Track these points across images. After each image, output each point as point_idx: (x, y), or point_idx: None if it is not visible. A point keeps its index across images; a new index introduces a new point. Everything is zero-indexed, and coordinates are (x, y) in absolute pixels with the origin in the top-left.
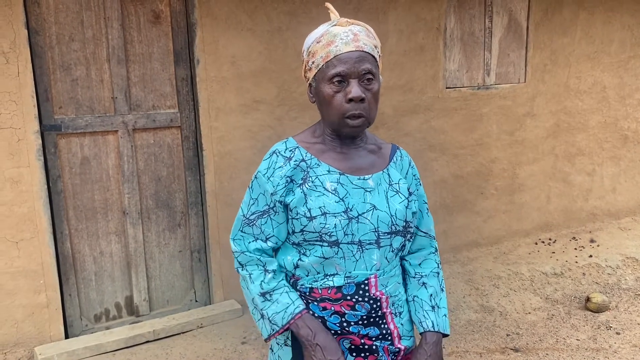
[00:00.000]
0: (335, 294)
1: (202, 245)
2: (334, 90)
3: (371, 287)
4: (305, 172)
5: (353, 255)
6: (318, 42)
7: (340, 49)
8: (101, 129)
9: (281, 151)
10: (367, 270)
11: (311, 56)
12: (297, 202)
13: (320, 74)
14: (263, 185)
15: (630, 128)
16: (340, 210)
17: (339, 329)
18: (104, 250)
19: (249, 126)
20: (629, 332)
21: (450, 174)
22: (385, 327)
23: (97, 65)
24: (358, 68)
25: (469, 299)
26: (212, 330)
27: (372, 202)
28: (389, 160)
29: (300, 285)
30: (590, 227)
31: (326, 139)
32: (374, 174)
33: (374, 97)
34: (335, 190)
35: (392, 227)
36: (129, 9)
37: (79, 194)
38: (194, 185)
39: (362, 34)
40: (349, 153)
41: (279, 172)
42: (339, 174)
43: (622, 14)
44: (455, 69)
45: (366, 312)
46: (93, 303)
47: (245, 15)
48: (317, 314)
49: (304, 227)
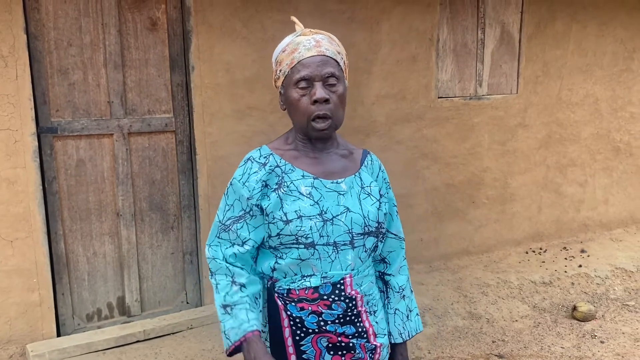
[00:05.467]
0: (313, 294)
1: (194, 248)
2: (299, 94)
3: (347, 286)
4: (280, 177)
5: (329, 256)
6: (284, 51)
7: (303, 55)
8: (97, 132)
9: (256, 158)
10: (342, 270)
11: (278, 65)
12: (273, 206)
13: (287, 80)
14: (238, 191)
15: (622, 140)
16: (315, 213)
17: (317, 327)
18: (97, 251)
19: (242, 132)
20: (614, 341)
21: (441, 182)
22: (361, 325)
23: (94, 70)
24: (321, 71)
25: (457, 306)
26: (201, 332)
27: (346, 204)
28: (360, 164)
29: (278, 287)
30: (581, 238)
31: (298, 144)
32: (347, 178)
33: (339, 99)
34: (310, 194)
35: (365, 228)
36: (126, 16)
37: (74, 195)
38: (187, 188)
39: (324, 41)
40: (321, 158)
41: (254, 177)
42: (313, 178)
43: (614, 27)
44: (448, 79)
45: (342, 310)
46: (85, 302)
47: (240, 23)
48: (295, 314)
49: (280, 230)
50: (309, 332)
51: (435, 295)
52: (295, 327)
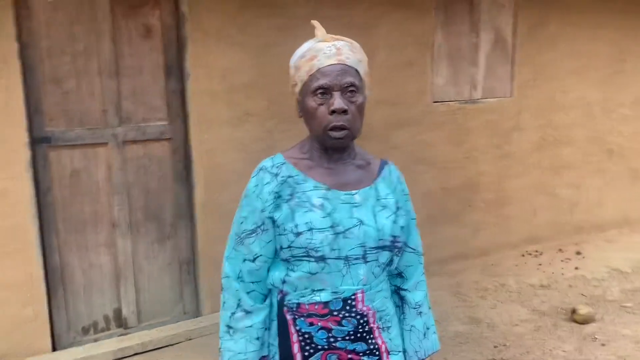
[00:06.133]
0: (323, 309)
1: (191, 258)
2: (317, 103)
3: (358, 302)
4: (292, 187)
5: (339, 271)
6: (303, 57)
7: (322, 62)
8: (91, 142)
9: (268, 168)
10: (353, 285)
11: (296, 71)
12: (285, 218)
13: (305, 88)
14: (252, 202)
15: (615, 142)
16: (326, 226)
17: (326, 344)
18: (93, 263)
19: (239, 138)
20: (614, 344)
21: (438, 186)
22: (373, 342)
23: (88, 78)
24: (341, 81)
25: (456, 311)
26: (200, 343)
27: (359, 217)
28: (377, 175)
29: (287, 301)
30: (576, 240)
31: (314, 154)
32: (361, 189)
33: (358, 109)
34: (322, 205)
35: (379, 242)
36: (120, 23)
37: (68, 206)
38: (183, 197)
39: (345, 49)
40: (336, 168)
41: (267, 188)
42: (326, 189)
43: (607, 29)
44: (443, 84)
45: (353, 327)
46: (81, 315)
47: (235, 29)
48: (304, 329)
49: (291, 243)
50: (318, 348)
51: (435, 300)
52: (304, 342)
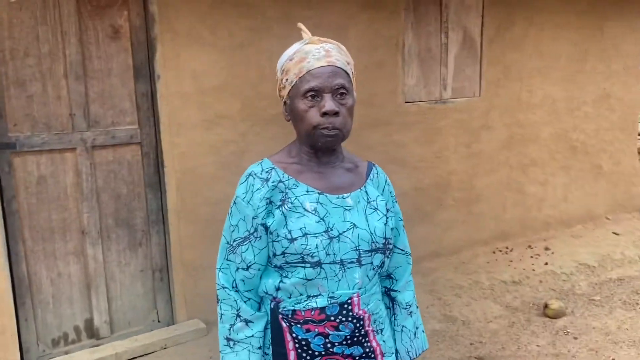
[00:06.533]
0: (319, 315)
1: (164, 264)
2: (308, 106)
3: (354, 306)
4: (283, 193)
5: (335, 275)
6: (291, 59)
7: (312, 64)
8: (59, 147)
9: (257, 173)
10: (349, 289)
11: (285, 74)
12: (277, 224)
13: (294, 91)
14: (243, 210)
15: (578, 139)
16: (321, 230)
17: (323, 350)
18: (62, 272)
19: (212, 142)
20: (586, 337)
21: (410, 186)
22: (368, 345)
23: (53, 81)
24: (331, 83)
25: (432, 309)
26: (176, 351)
27: (352, 220)
28: (365, 178)
29: (282, 308)
30: (544, 236)
31: (303, 158)
32: (353, 192)
33: (349, 111)
34: (315, 210)
35: (373, 245)
36: (87, 23)
37: (35, 213)
38: (155, 202)
39: (334, 51)
40: (326, 172)
41: (258, 195)
42: (318, 193)
43: (569, 30)
44: (414, 84)
45: (350, 331)
46: (50, 327)
47: (206, 30)
48: (301, 336)
49: (285, 249)
50: (315, 354)
51: None
52: (300, 349)
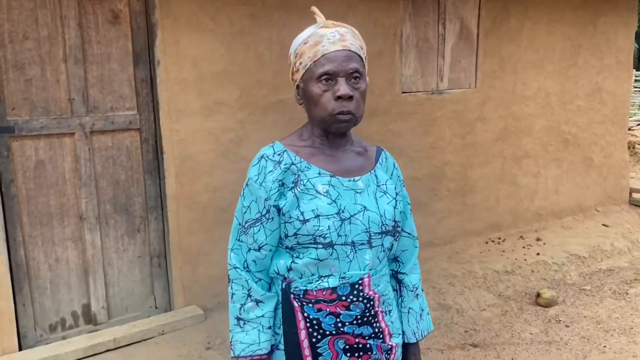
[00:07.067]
0: (331, 294)
1: (162, 251)
2: (322, 89)
3: (365, 286)
4: (296, 175)
5: (347, 256)
6: (305, 43)
7: (327, 48)
8: (57, 131)
9: (269, 155)
10: (360, 270)
11: (298, 57)
12: (290, 205)
13: (308, 74)
14: (255, 192)
15: (570, 132)
16: (333, 212)
17: (334, 329)
18: (60, 257)
19: (210, 129)
20: (577, 325)
21: (406, 176)
22: (377, 326)
23: (52, 65)
24: (346, 67)
25: (427, 298)
26: (174, 337)
27: (363, 203)
28: (375, 162)
29: (294, 288)
30: (536, 227)
31: (315, 141)
32: (363, 176)
33: (362, 96)
34: (327, 192)
35: (383, 227)
36: (87, 8)
37: (33, 198)
38: (153, 189)
39: (348, 35)
40: (337, 155)
41: (270, 177)
42: (330, 176)
43: (563, 24)
44: (411, 74)
45: (360, 311)
46: (48, 312)
47: (207, 17)
48: (312, 315)
49: (297, 230)
50: (326, 334)
51: None
52: (312, 329)
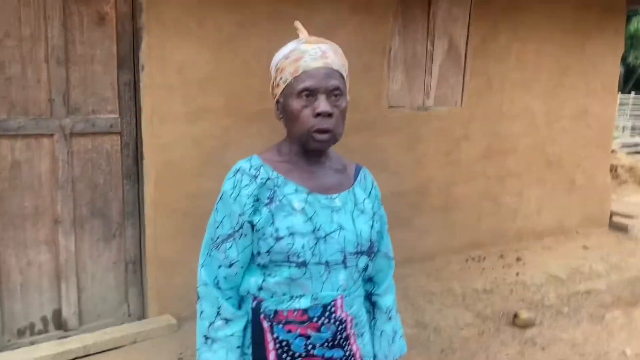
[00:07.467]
0: (302, 315)
1: (138, 257)
2: (302, 105)
3: (337, 308)
4: (271, 190)
5: (320, 276)
6: (287, 58)
7: (309, 65)
8: (36, 132)
9: (246, 169)
10: (333, 291)
11: (279, 72)
12: (264, 222)
13: (288, 89)
14: (229, 206)
15: (554, 153)
16: (308, 230)
17: (304, 351)
18: (32, 261)
19: (194, 135)
20: (553, 347)
21: (389, 191)
22: (349, 349)
23: (34, 64)
24: (326, 84)
25: (404, 315)
26: (146, 346)
27: (339, 221)
28: (353, 180)
29: (264, 308)
30: (516, 246)
31: (292, 157)
32: (341, 194)
33: (342, 113)
34: (303, 209)
35: (358, 247)
36: (72, 8)
37: (6, 199)
38: (131, 194)
39: (330, 52)
40: (315, 172)
41: (245, 191)
42: (307, 193)
43: (551, 44)
44: (398, 90)
45: (332, 334)
46: (17, 316)
47: (194, 22)
48: (282, 337)
49: (271, 248)
50: (295, 355)
51: None
52: (281, 350)
